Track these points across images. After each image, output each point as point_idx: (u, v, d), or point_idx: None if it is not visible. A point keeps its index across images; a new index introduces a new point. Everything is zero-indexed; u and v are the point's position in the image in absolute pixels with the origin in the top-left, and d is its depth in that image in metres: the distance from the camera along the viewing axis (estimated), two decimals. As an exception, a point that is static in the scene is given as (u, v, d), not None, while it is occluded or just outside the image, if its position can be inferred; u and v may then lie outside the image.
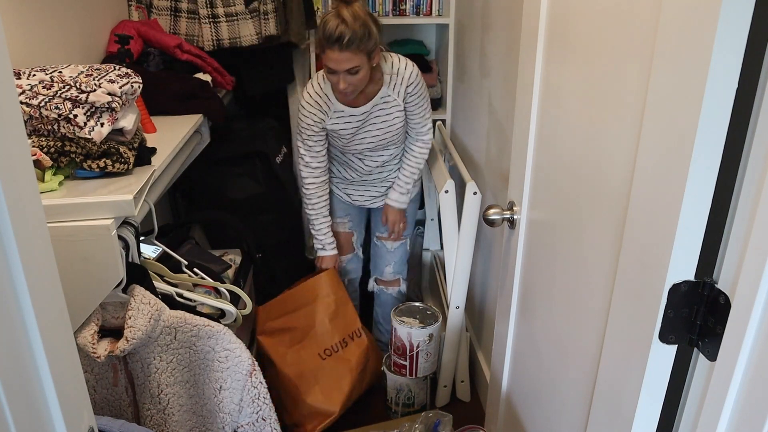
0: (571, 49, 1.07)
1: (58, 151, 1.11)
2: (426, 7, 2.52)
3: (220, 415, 1.23)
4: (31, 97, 1.07)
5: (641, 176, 0.84)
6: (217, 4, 2.12)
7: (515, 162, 1.38)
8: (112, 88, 1.10)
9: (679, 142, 0.74)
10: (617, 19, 0.91)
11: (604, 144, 0.97)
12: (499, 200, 1.90)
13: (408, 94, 1.89)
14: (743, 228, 0.70)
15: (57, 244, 0.68)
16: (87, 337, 1.10)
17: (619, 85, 0.91)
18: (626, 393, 0.92)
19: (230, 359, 1.22)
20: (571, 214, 1.12)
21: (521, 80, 1.31)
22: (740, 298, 0.69)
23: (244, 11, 2.16)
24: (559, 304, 1.20)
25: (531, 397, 1.41)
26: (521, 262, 1.41)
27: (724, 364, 0.72)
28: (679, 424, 0.86)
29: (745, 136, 0.70)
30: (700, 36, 0.69)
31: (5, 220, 0.52)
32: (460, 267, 2.02)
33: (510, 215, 1.41)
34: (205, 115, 1.75)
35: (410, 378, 2.10)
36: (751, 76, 0.68)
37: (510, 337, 1.52)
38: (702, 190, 0.74)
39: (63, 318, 0.64)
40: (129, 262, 1.14)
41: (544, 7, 1.18)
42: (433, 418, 1.78)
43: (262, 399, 1.27)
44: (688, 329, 0.80)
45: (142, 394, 1.21)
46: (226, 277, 1.77)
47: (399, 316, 2.08)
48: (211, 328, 1.21)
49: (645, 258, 0.84)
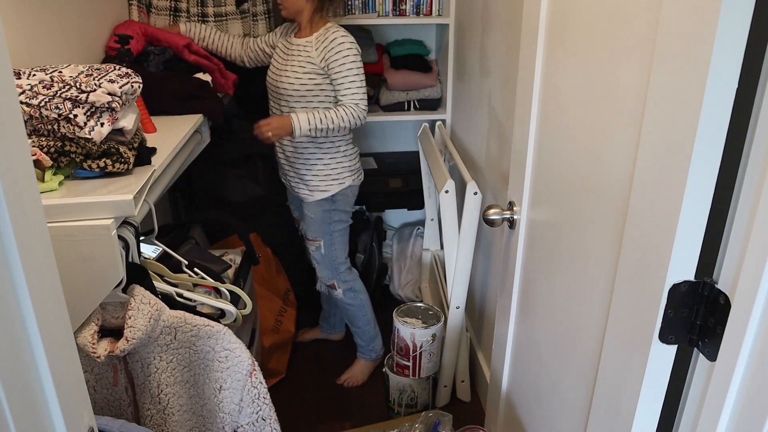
0: (572, 49, 1.07)
1: (58, 151, 1.11)
2: (426, 7, 2.51)
3: (220, 415, 1.23)
4: (31, 97, 1.07)
5: (641, 176, 0.84)
6: (208, 4, 2.14)
7: (515, 162, 1.38)
8: (112, 88, 1.10)
9: (679, 142, 0.74)
10: (617, 19, 0.91)
11: (604, 144, 0.97)
12: (499, 200, 1.90)
13: (326, 59, 1.94)
14: (743, 228, 0.70)
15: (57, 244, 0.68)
16: (87, 337, 1.10)
17: (619, 85, 0.91)
18: (626, 393, 0.92)
19: (230, 359, 1.22)
20: (571, 214, 1.12)
21: (521, 80, 1.31)
22: (740, 298, 0.69)
23: (234, 12, 2.18)
24: (559, 304, 1.20)
25: (531, 397, 1.41)
26: (521, 262, 1.41)
27: (724, 364, 0.72)
28: (679, 424, 0.86)
29: (745, 136, 0.70)
30: (700, 36, 0.69)
31: (5, 220, 0.52)
32: (460, 267, 2.02)
33: (510, 215, 1.41)
34: (205, 115, 1.75)
35: (413, 378, 2.10)
36: (751, 76, 0.68)
37: (510, 337, 1.52)
38: (702, 190, 0.74)
39: (63, 318, 0.64)
40: (129, 262, 1.14)
41: (544, 6, 1.18)
42: (433, 418, 1.78)
43: (262, 399, 1.27)
44: (688, 329, 0.80)
45: (142, 394, 1.21)
46: (226, 277, 1.77)
47: (401, 317, 2.08)
48: (211, 328, 1.21)
49: (645, 258, 0.84)
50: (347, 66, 1.94)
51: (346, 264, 2.26)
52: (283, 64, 2.03)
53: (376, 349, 2.37)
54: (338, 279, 2.24)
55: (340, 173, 2.12)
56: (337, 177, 2.12)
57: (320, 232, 2.17)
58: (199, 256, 1.70)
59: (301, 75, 1.97)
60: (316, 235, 2.18)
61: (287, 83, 2.00)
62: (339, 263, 2.23)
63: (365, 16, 2.48)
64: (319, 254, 2.20)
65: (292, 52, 2.01)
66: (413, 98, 2.61)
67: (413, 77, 2.58)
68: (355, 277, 2.30)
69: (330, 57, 1.93)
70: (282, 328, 2.39)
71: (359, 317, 2.31)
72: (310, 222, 2.17)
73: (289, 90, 2.00)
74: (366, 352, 2.38)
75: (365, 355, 2.38)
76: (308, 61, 1.96)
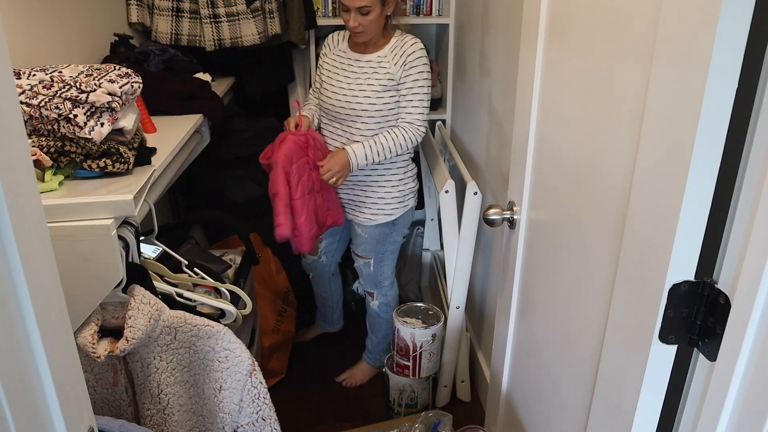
0: (572, 49, 1.07)
1: (58, 151, 1.11)
2: (426, 7, 2.51)
3: (220, 415, 1.23)
4: (31, 97, 1.07)
5: (641, 176, 0.84)
6: (219, 4, 2.11)
7: (515, 162, 1.38)
8: (112, 88, 1.10)
9: (679, 142, 0.74)
10: (617, 19, 0.91)
11: (604, 144, 0.97)
12: (499, 200, 1.90)
13: (405, 67, 1.84)
14: (743, 228, 0.70)
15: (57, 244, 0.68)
16: (87, 337, 1.10)
17: (619, 85, 0.91)
18: (626, 393, 0.92)
19: (230, 359, 1.22)
20: (571, 213, 1.12)
21: (521, 80, 1.31)
22: (740, 298, 0.69)
23: (245, 11, 2.15)
24: (559, 304, 1.20)
25: (531, 397, 1.41)
26: (521, 262, 1.41)
27: (724, 364, 0.72)
28: (679, 424, 0.86)
29: (745, 136, 0.70)
30: (700, 36, 0.69)
31: (5, 220, 0.52)
32: (460, 267, 2.02)
33: (510, 215, 1.41)
34: (205, 115, 1.75)
35: (413, 378, 2.10)
36: (751, 76, 0.68)
37: (510, 337, 1.52)
38: (702, 190, 0.74)
39: (63, 318, 0.64)
40: (129, 262, 1.14)
41: (544, 6, 1.18)
42: (433, 418, 1.78)
43: (262, 399, 1.27)
44: (688, 329, 0.80)
45: (142, 394, 1.21)
46: (226, 277, 1.77)
47: (401, 317, 2.08)
48: (211, 328, 1.21)
49: (645, 258, 0.84)
50: (419, 83, 1.85)
51: (390, 278, 2.22)
52: (356, 82, 1.89)
53: (382, 358, 2.34)
54: (379, 292, 2.21)
55: (406, 195, 2.04)
56: (402, 199, 2.03)
57: (372, 252, 2.11)
58: (199, 256, 1.70)
59: (382, 93, 1.86)
60: (367, 253, 2.12)
61: (367, 104, 1.87)
62: (384, 278, 2.19)
63: (365, 16, 2.48)
64: (367, 269, 2.16)
65: (363, 69, 1.89)
66: (413, 98, 2.61)
67: (413, 77, 2.57)
68: (396, 292, 2.26)
69: (406, 71, 1.84)
70: (282, 328, 2.39)
71: (383, 329, 2.28)
72: (362, 240, 2.09)
73: (369, 111, 1.88)
74: (373, 358, 2.37)
75: (370, 361, 2.38)
76: (389, 77, 1.86)
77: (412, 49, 1.85)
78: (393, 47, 1.87)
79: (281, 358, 2.38)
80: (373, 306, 2.25)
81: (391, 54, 1.87)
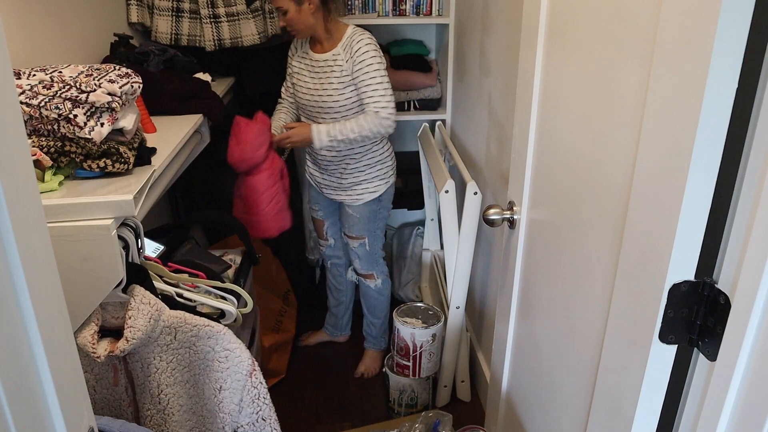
0: (572, 49, 1.07)
1: (58, 151, 1.11)
2: (426, 7, 2.51)
3: (220, 415, 1.23)
4: (31, 97, 1.07)
5: (641, 176, 0.84)
6: (219, 4, 2.11)
7: (515, 162, 1.38)
8: (112, 88, 1.10)
9: (679, 142, 0.74)
10: (617, 19, 0.91)
11: (604, 144, 0.97)
12: (499, 200, 1.90)
13: (354, 62, 1.92)
14: (743, 228, 0.70)
15: (57, 244, 0.68)
16: (87, 337, 1.10)
17: (619, 85, 0.91)
18: (626, 393, 0.92)
19: (230, 359, 1.22)
20: (571, 214, 1.12)
21: (521, 80, 1.31)
22: (740, 298, 0.69)
23: (245, 11, 2.16)
24: (559, 303, 1.20)
25: (531, 397, 1.41)
26: (521, 262, 1.41)
27: (724, 364, 0.72)
28: (679, 424, 0.86)
29: (745, 136, 0.70)
30: (700, 36, 0.69)
31: (5, 220, 0.52)
32: (460, 267, 2.02)
33: (510, 215, 1.41)
34: (205, 115, 1.75)
35: (413, 378, 2.10)
36: (751, 76, 0.68)
37: (510, 337, 1.52)
38: (702, 190, 0.74)
39: (63, 318, 0.64)
40: (129, 262, 1.14)
41: (544, 6, 1.18)
42: (433, 418, 1.78)
43: (262, 399, 1.27)
44: (688, 329, 0.80)
45: (142, 394, 1.21)
46: (226, 277, 1.77)
47: (401, 317, 2.08)
48: (211, 328, 1.21)
49: (645, 258, 0.84)
50: (371, 74, 1.92)
51: (382, 254, 2.35)
52: (318, 81, 1.99)
53: (385, 339, 2.44)
54: (377, 270, 2.31)
55: (386, 172, 2.17)
56: (383, 177, 2.16)
57: (365, 230, 2.22)
58: (199, 256, 1.70)
59: (342, 90, 1.95)
60: (361, 233, 2.23)
61: (331, 101, 1.97)
62: (379, 255, 2.32)
63: (365, 16, 2.48)
64: (363, 250, 2.26)
65: (322, 68, 1.98)
66: (413, 98, 2.61)
67: (413, 77, 2.58)
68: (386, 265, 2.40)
69: (356, 65, 1.91)
70: (282, 328, 2.39)
71: (383, 308, 2.38)
72: (354, 221, 2.20)
73: (335, 107, 1.98)
74: (377, 342, 2.44)
75: (376, 346, 2.45)
76: (345, 74, 1.94)
77: (358, 45, 1.91)
78: (344, 44, 1.95)
79: (281, 358, 2.38)
80: (374, 287, 2.34)
81: (343, 51, 1.95)
